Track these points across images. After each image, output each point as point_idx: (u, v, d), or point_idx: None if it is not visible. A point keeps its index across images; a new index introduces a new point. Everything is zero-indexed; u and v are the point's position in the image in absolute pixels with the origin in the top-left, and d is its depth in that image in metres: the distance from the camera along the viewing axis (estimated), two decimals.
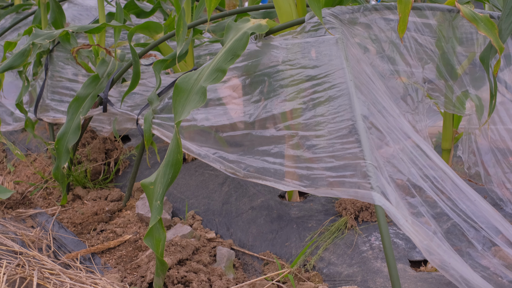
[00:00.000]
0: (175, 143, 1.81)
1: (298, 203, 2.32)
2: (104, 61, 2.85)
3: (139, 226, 2.44)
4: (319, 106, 1.81)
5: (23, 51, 2.88)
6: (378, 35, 1.98)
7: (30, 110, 3.28)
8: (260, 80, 2.02)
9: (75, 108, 2.67)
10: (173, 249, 2.05)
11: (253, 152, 1.96)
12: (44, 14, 3.40)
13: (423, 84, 2.06)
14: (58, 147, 2.60)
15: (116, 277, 2.02)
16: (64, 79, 3.20)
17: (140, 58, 2.58)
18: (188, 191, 2.61)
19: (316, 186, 1.75)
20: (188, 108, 1.81)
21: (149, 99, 2.38)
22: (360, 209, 2.13)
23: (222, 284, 1.91)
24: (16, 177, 3.24)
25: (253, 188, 2.46)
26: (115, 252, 2.29)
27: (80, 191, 2.87)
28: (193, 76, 1.90)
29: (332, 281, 1.90)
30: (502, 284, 1.71)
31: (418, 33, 2.00)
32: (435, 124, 2.53)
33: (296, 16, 2.09)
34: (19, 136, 3.91)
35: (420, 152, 1.75)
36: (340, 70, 1.78)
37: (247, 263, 2.14)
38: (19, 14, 4.25)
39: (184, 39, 2.23)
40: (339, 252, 1.98)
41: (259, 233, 2.21)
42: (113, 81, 2.69)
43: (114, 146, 3.18)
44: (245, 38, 1.89)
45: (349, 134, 1.70)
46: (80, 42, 3.35)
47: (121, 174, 3.06)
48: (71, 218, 2.60)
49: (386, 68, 2.01)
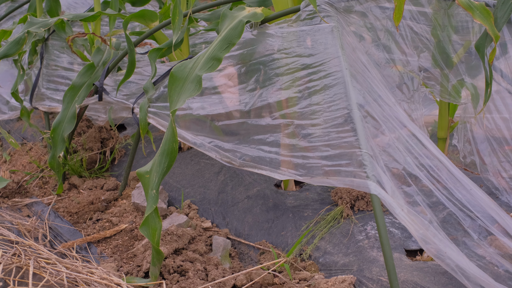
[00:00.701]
0: (171, 132, 1.81)
1: (294, 192, 2.32)
2: (100, 49, 2.83)
3: (135, 215, 2.44)
4: (315, 95, 1.80)
5: (18, 39, 2.86)
6: (373, 23, 1.97)
7: (26, 99, 3.26)
8: (255, 68, 2.02)
9: (71, 97, 2.67)
10: (169, 238, 2.05)
11: (249, 141, 1.95)
12: (39, 3, 3.38)
13: (419, 72, 2.05)
14: (53, 136, 2.60)
15: (112, 266, 2.02)
16: (59, 67, 3.19)
17: (135, 47, 2.57)
18: (184, 180, 2.61)
19: (311, 175, 1.75)
20: (183, 96, 1.81)
21: (145, 87, 2.37)
22: (356, 198, 2.13)
23: (218, 273, 1.91)
24: (12, 166, 3.23)
25: (249, 177, 2.45)
26: (111, 241, 2.29)
27: (76, 180, 2.87)
28: (189, 64, 1.89)
29: (328, 270, 1.90)
30: (498, 273, 1.71)
31: (414, 21, 1.99)
32: (431, 113, 2.53)
33: (291, 4, 2.08)
34: (15, 125, 3.90)
35: (415, 141, 1.75)
36: (335, 59, 1.78)
37: (243, 252, 2.14)
38: (14, 2, 4.22)
39: (180, 28, 2.22)
40: (335, 241, 1.99)
41: (255, 222, 2.22)
42: (109, 70, 2.68)
43: (109, 135, 3.18)
44: (241, 27, 1.89)
45: (345, 123, 1.69)
46: (75, 30, 3.33)
47: (116, 163, 3.06)
48: (67, 207, 2.60)
49: (382, 56, 2.00)
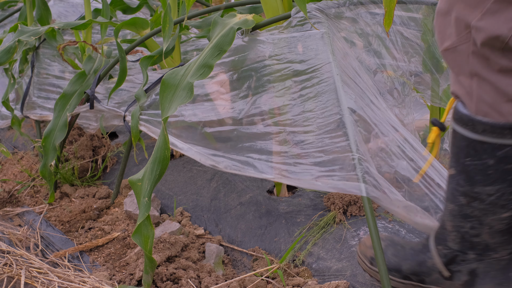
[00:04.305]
0: (163, 140, 1.81)
1: (287, 198, 2.32)
2: (91, 57, 2.83)
3: (128, 223, 2.43)
4: (308, 102, 1.80)
5: (8, 48, 2.85)
6: (364, 29, 1.98)
7: (17, 108, 3.25)
8: (247, 75, 2.02)
9: (62, 105, 2.66)
10: (161, 246, 2.05)
11: (239, 148, 1.95)
12: (30, 11, 3.38)
13: (410, 77, 2.06)
14: (45, 144, 2.59)
15: (105, 275, 2.01)
16: (50, 76, 3.18)
17: (126, 54, 2.57)
18: (176, 188, 2.61)
19: (304, 179, 1.75)
20: (175, 104, 1.81)
21: (136, 95, 2.37)
22: (348, 203, 2.13)
23: (211, 281, 1.91)
24: (3, 176, 3.21)
25: (242, 183, 2.45)
26: (103, 250, 2.28)
27: (68, 189, 2.86)
28: (180, 71, 1.89)
29: (321, 276, 1.90)
30: None
31: (404, 26, 2.00)
32: (422, 117, 2.54)
33: (282, 11, 2.09)
34: (6, 134, 3.89)
35: (407, 145, 1.76)
36: (326, 65, 1.78)
37: (236, 259, 2.14)
38: (4, 11, 4.22)
39: (170, 35, 2.22)
40: (328, 247, 1.99)
41: (248, 229, 2.21)
42: (100, 78, 2.67)
43: (101, 143, 3.17)
44: (232, 34, 1.89)
45: (337, 128, 1.70)
46: (66, 38, 3.33)
47: (108, 171, 3.05)
48: (59, 216, 2.59)
49: (373, 62, 2.01)
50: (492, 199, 1.38)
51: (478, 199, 1.40)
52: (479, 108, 1.32)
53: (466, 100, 1.35)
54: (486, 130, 1.31)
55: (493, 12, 1.23)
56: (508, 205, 1.37)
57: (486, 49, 1.26)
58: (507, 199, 1.37)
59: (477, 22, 1.25)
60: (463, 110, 1.36)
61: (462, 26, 1.29)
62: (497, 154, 1.32)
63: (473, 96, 1.33)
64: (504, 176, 1.34)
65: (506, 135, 1.30)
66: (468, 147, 1.37)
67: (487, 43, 1.25)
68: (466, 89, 1.34)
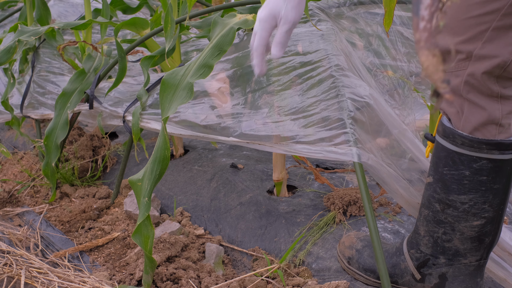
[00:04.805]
0: (163, 139, 1.81)
1: (287, 198, 2.32)
2: (90, 56, 2.83)
3: (128, 223, 2.43)
4: (311, 89, 1.82)
5: (8, 48, 2.85)
6: (364, 29, 1.98)
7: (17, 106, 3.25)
8: (250, 71, 2.03)
9: (62, 104, 2.66)
10: (161, 246, 2.05)
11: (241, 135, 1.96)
12: (30, 11, 3.37)
13: (410, 77, 2.06)
14: (47, 143, 2.59)
15: (105, 275, 2.01)
16: (50, 75, 3.18)
17: (126, 54, 2.57)
18: (176, 188, 2.60)
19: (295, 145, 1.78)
20: (175, 104, 1.81)
21: (138, 95, 2.37)
22: (348, 204, 2.13)
23: (211, 281, 1.91)
24: (3, 176, 3.21)
25: (242, 183, 2.45)
26: (103, 250, 2.28)
27: (68, 189, 2.86)
28: (180, 71, 1.89)
29: (321, 276, 1.90)
30: None
31: (404, 26, 2.00)
32: (423, 117, 2.54)
33: None
34: (6, 134, 3.88)
35: (409, 144, 1.76)
36: (326, 59, 1.78)
37: (236, 259, 2.14)
38: (4, 11, 4.22)
39: (172, 35, 2.22)
40: (328, 247, 1.99)
41: (248, 229, 2.21)
42: (100, 78, 2.67)
43: (101, 143, 3.17)
44: (232, 34, 1.89)
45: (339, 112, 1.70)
46: (66, 38, 3.33)
47: (108, 171, 3.05)
48: (59, 216, 2.59)
49: (373, 62, 2.01)
50: (465, 207, 1.46)
51: (452, 207, 1.48)
52: (465, 127, 1.41)
53: (454, 119, 1.43)
54: (465, 144, 1.40)
55: (491, 39, 1.31)
56: (480, 213, 1.46)
57: (484, 76, 1.34)
58: (479, 208, 1.46)
59: (479, 50, 1.32)
60: (446, 123, 1.45)
61: (464, 54, 1.35)
62: (473, 166, 1.41)
63: (462, 117, 1.41)
64: (477, 187, 1.43)
65: (482, 149, 1.39)
66: (447, 157, 1.45)
67: (489, 71, 1.33)
68: (456, 108, 1.42)
